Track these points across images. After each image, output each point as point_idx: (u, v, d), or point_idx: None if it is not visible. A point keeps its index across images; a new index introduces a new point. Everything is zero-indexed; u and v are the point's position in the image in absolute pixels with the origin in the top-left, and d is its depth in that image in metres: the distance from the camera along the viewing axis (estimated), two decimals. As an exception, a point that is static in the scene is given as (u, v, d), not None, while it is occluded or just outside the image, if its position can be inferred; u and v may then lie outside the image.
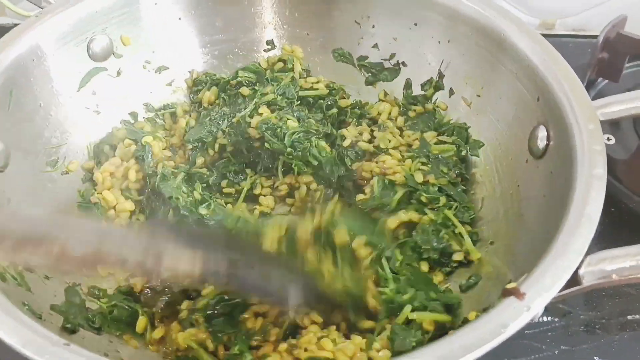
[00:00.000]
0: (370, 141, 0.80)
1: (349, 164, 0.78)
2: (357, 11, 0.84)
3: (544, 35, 0.72)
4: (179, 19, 0.84)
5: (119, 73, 0.82)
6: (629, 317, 0.73)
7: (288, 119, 0.77)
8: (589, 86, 0.95)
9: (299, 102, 0.83)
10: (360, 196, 0.75)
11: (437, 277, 0.69)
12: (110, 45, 0.80)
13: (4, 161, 0.66)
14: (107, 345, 0.61)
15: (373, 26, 0.85)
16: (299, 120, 0.79)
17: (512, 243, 0.66)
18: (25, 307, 0.55)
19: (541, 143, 0.67)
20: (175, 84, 0.86)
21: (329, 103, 0.85)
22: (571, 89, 0.65)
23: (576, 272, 0.51)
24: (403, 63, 0.85)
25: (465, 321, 0.58)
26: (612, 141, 0.95)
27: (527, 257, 0.56)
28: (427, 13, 0.80)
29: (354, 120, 0.85)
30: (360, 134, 0.81)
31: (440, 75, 0.81)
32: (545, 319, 0.72)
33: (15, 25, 0.74)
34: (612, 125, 0.98)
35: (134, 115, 0.84)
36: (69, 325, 0.60)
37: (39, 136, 0.73)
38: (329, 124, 0.82)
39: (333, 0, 0.85)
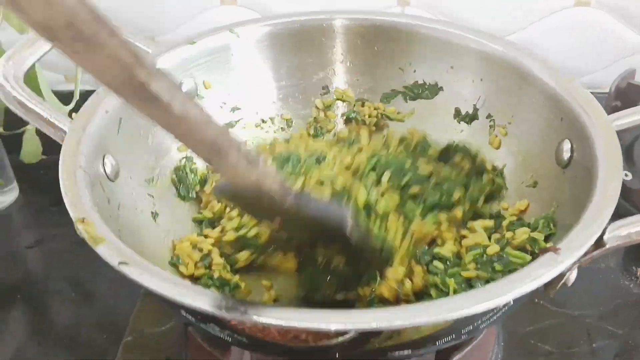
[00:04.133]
0: None
1: None
2: (401, 59, 0.98)
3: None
4: (251, 66, 0.98)
5: (201, 111, 0.95)
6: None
7: None
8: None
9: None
10: None
11: None
12: (195, 88, 0.93)
13: (115, 174, 0.78)
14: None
15: (414, 71, 0.98)
16: None
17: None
18: None
19: (566, 155, 0.78)
20: (244, 122, 0.99)
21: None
22: (589, 106, 0.77)
23: (601, 237, 0.62)
24: (441, 88, 0.96)
25: None
26: (629, 177, 1.07)
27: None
28: (461, 57, 0.93)
29: None
30: None
31: (475, 109, 0.94)
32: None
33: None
34: (628, 163, 1.10)
35: None
36: None
37: (139, 158, 0.85)
38: None
39: (380, 51, 0.99)
